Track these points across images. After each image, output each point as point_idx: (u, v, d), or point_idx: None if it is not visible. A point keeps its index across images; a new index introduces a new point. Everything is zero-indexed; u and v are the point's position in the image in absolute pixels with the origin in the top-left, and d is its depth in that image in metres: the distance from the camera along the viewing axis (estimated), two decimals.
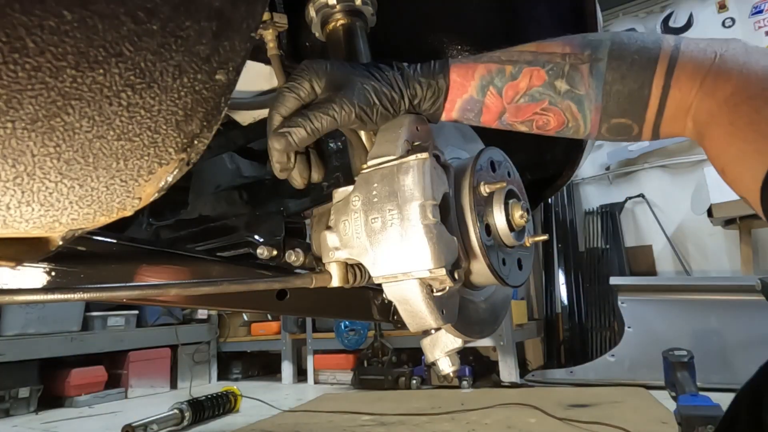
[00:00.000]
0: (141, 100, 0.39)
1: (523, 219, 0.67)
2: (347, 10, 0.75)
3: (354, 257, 0.60)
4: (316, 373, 4.02)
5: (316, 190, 1.09)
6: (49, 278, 0.62)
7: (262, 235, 1.02)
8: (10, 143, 0.35)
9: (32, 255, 0.46)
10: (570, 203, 4.71)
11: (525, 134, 0.67)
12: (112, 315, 3.77)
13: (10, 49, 0.32)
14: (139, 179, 0.42)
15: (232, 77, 0.43)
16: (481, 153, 0.68)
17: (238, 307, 0.92)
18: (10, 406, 3.19)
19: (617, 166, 4.83)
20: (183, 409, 2.62)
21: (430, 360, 0.74)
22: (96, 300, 0.83)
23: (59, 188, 0.39)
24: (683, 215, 4.37)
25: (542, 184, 1.13)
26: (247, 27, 0.44)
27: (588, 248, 4.51)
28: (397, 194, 0.57)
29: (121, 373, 3.78)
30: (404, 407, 2.68)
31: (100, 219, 0.42)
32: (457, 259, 0.60)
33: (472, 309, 0.71)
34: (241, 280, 0.64)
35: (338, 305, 1.07)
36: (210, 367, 4.44)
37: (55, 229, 0.41)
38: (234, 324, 4.58)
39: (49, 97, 0.35)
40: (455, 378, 3.20)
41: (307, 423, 2.55)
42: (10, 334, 3.17)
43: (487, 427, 2.18)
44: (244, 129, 1.21)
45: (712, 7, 4.69)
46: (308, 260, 0.84)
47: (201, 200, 1.26)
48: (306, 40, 0.97)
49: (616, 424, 1.98)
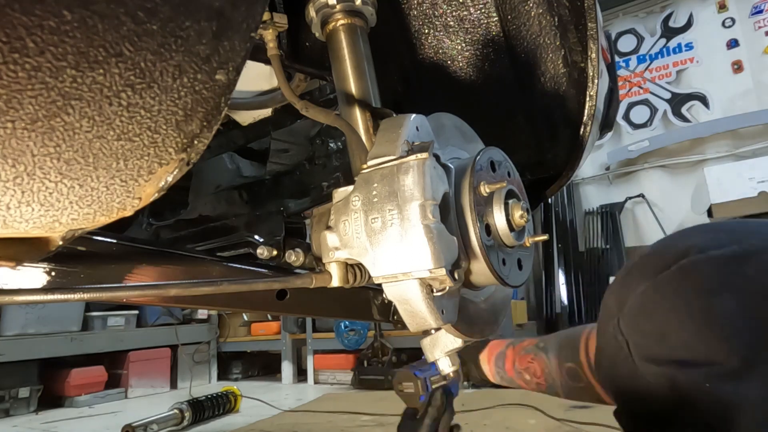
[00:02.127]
0: (141, 100, 0.39)
1: (523, 219, 0.66)
2: (347, 10, 0.75)
3: (354, 257, 0.60)
4: (316, 373, 4.02)
5: (316, 190, 1.09)
6: (49, 278, 0.62)
7: (262, 235, 1.02)
8: (10, 143, 0.35)
9: (32, 255, 0.46)
10: (570, 203, 4.71)
11: (525, 134, 0.68)
12: (112, 315, 3.77)
13: (10, 49, 0.32)
14: (139, 179, 0.42)
15: (232, 77, 0.43)
16: (481, 153, 0.68)
17: (238, 307, 0.92)
18: (10, 406, 3.19)
19: (617, 166, 4.83)
20: (183, 409, 2.62)
21: (430, 360, 0.74)
22: (96, 300, 0.83)
23: (59, 188, 0.39)
24: (683, 215, 4.37)
25: (542, 184, 1.13)
26: (247, 27, 0.44)
27: (588, 248, 4.51)
28: (397, 194, 0.57)
29: (121, 373, 3.78)
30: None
31: (100, 219, 0.42)
32: (457, 259, 0.60)
33: (472, 309, 0.71)
34: (241, 280, 0.64)
35: (338, 305, 1.07)
36: (210, 367, 4.44)
37: (55, 229, 0.41)
38: (234, 324, 4.58)
39: (49, 97, 0.35)
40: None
41: (307, 423, 2.55)
42: (10, 334, 3.17)
43: (485, 428, 2.18)
44: (244, 129, 1.21)
45: (712, 7, 4.69)
46: (308, 260, 0.84)
47: (201, 200, 1.26)
48: (306, 40, 0.98)
49: (616, 426, 1.97)
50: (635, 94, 4.94)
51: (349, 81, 0.73)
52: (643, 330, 0.50)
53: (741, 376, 0.40)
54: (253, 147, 1.30)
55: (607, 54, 1.10)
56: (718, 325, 0.43)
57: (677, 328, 0.46)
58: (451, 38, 1.05)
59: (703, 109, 4.58)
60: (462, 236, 0.63)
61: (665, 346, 0.46)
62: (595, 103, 0.97)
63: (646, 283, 0.51)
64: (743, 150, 4.25)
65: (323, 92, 1.12)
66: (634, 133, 4.82)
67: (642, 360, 0.49)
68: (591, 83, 0.95)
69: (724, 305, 0.43)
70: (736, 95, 4.46)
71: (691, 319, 0.45)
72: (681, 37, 4.79)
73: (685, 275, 0.47)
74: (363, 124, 0.71)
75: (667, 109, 4.73)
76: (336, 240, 0.61)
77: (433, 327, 0.61)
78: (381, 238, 0.57)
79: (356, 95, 0.73)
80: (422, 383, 0.92)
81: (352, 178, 0.63)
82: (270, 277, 0.88)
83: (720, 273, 0.45)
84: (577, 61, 0.98)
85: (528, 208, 0.69)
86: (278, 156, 1.19)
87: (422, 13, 1.02)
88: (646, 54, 4.95)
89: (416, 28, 1.05)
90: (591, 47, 0.93)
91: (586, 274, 4.22)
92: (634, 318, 0.51)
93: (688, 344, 0.44)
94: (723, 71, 4.55)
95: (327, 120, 0.72)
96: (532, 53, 1.01)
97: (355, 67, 0.74)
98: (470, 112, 0.87)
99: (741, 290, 0.43)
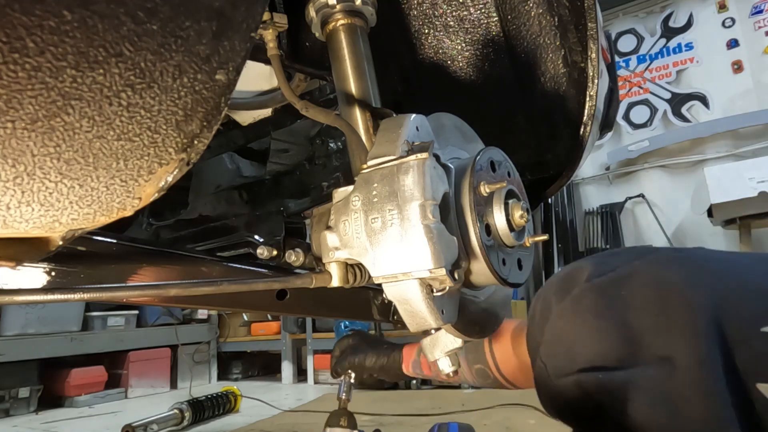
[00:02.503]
0: (141, 100, 0.39)
1: (523, 219, 0.66)
2: (347, 11, 0.75)
3: (354, 257, 0.60)
4: (316, 373, 4.02)
5: (316, 190, 1.09)
6: (49, 278, 0.62)
7: (262, 235, 1.02)
8: (10, 143, 0.35)
9: (32, 255, 0.46)
10: (570, 203, 4.71)
11: (525, 134, 0.70)
12: (112, 315, 3.77)
13: (10, 49, 0.32)
14: (139, 179, 0.42)
15: (232, 77, 0.43)
16: (481, 153, 0.68)
17: (238, 307, 0.92)
18: (10, 406, 3.19)
19: (617, 166, 4.84)
20: (183, 409, 2.62)
21: (430, 360, 0.74)
22: (96, 300, 0.83)
23: (59, 188, 0.39)
24: (683, 215, 4.37)
25: (542, 184, 1.13)
26: (247, 27, 0.44)
27: (588, 248, 4.51)
28: (397, 194, 0.57)
29: (121, 373, 3.78)
30: (404, 407, 2.68)
31: (100, 219, 0.42)
32: (457, 259, 0.60)
33: (472, 309, 0.71)
34: (241, 280, 0.64)
35: (338, 305, 1.07)
36: (210, 367, 4.44)
37: (55, 229, 0.41)
38: (234, 324, 4.58)
39: (49, 97, 0.35)
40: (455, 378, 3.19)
41: (307, 423, 2.55)
42: (10, 334, 3.17)
43: (486, 428, 2.18)
44: (244, 129, 1.21)
45: (712, 7, 4.69)
46: (308, 260, 0.84)
47: (201, 200, 1.26)
48: (306, 40, 0.98)
49: None
50: (635, 94, 4.94)
51: (349, 81, 0.73)
52: (557, 354, 0.62)
53: (626, 366, 0.53)
54: (253, 147, 1.30)
55: (607, 54, 1.10)
56: (606, 336, 0.56)
57: (578, 345, 0.58)
58: (451, 38, 1.05)
59: (703, 109, 4.58)
60: (462, 236, 0.63)
61: (572, 361, 0.59)
62: (595, 103, 0.97)
63: (555, 310, 0.63)
64: (743, 150, 4.25)
65: (323, 92, 1.12)
66: (634, 133, 4.83)
67: (557, 378, 0.62)
68: (591, 83, 0.95)
69: (607, 321, 0.56)
70: (736, 95, 4.46)
71: (587, 336, 0.58)
72: (681, 37, 4.79)
73: (578, 302, 0.60)
74: (363, 124, 0.71)
75: (667, 109, 4.73)
76: (336, 240, 0.61)
77: (433, 327, 0.61)
78: (381, 238, 0.57)
79: (356, 95, 0.73)
80: None
81: (352, 178, 0.63)
82: (270, 277, 0.88)
83: (602, 297, 0.58)
84: (577, 61, 0.98)
85: (528, 208, 0.69)
86: (278, 156, 1.20)
87: (422, 13, 1.02)
88: (646, 54, 4.95)
89: (416, 28, 1.05)
90: (591, 47, 0.93)
91: None
92: (550, 346, 0.63)
93: (587, 355, 0.57)
94: (723, 71, 4.55)
95: (327, 120, 0.72)
96: (532, 53, 1.01)
97: (355, 67, 0.74)
98: (470, 112, 0.87)
99: (618, 308, 0.56)
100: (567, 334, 0.61)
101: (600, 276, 0.60)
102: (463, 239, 0.63)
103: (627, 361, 0.53)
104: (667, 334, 0.51)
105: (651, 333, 0.52)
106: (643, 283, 0.56)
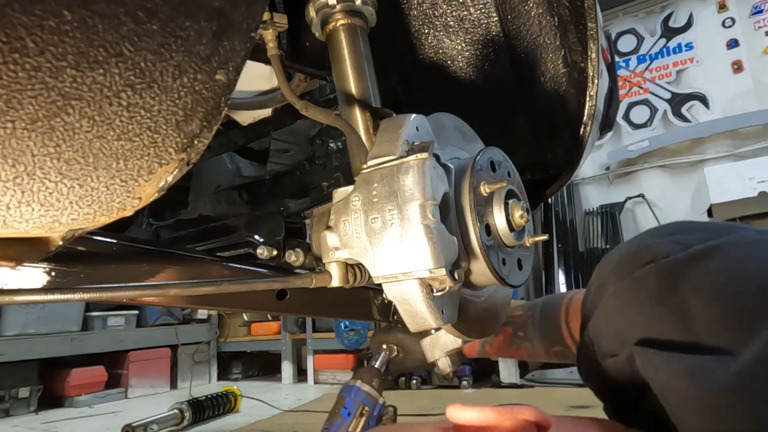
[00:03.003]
0: (141, 100, 0.39)
1: (523, 219, 0.66)
2: (347, 11, 0.75)
3: (354, 257, 0.60)
4: (316, 373, 4.02)
5: (316, 190, 1.09)
6: (49, 278, 0.62)
7: (262, 235, 1.02)
8: (10, 143, 0.35)
9: (32, 255, 0.46)
10: (570, 203, 4.71)
11: (525, 134, 0.69)
12: (112, 315, 3.77)
13: (10, 49, 0.32)
14: (139, 179, 0.42)
15: (232, 77, 0.43)
16: (481, 153, 0.68)
17: (238, 307, 0.91)
18: (10, 406, 3.19)
19: (617, 166, 4.83)
20: (183, 409, 2.62)
21: (430, 360, 0.74)
22: (96, 300, 0.83)
23: (59, 188, 0.39)
24: (683, 215, 4.37)
25: (542, 184, 1.13)
26: (247, 27, 0.44)
27: (588, 248, 4.51)
28: (397, 194, 0.57)
29: (121, 373, 3.77)
30: (404, 408, 2.68)
31: (100, 219, 0.42)
32: (457, 259, 0.60)
33: (472, 309, 0.71)
34: (241, 280, 0.64)
35: (338, 305, 1.07)
36: (210, 367, 4.44)
37: (55, 229, 0.41)
38: (234, 324, 4.58)
39: (49, 97, 0.35)
40: (455, 378, 3.19)
41: (307, 423, 2.55)
42: (10, 334, 3.17)
43: None
44: (244, 129, 1.21)
45: (712, 7, 4.69)
46: (308, 260, 0.84)
47: (201, 200, 1.26)
48: (306, 40, 0.97)
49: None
50: (635, 94, 4.94)
51: (349, 81, 0.74)
52: (606, 334, 0.59)
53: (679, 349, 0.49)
54: (253, 147, 1.30)
55: (607, 54, 1.10)
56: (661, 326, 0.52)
57: (629, 331, 0.55)
58: (451, 38, 1.05)
59: (703, 109, 4.58)
60: (462, 236, 0.63)
61: (621, 345, 0.55)
62: (595, 103, 0.97)
63: (612, 288, 0.59)
64: (743, 150, 4.25)
65: (323, 92, 1.12)
66: (634, 133, 4.82)
67: (603, 358, 0.59)
68: (591, 83, 0.95)
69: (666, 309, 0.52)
70: (736, 95, 4.46)
71: (641, 324, 0.54)
72: (681, 37, 4.79)
73: (638, 284, 0.56)
74: (363, 124, 0.71)
75: (667, 109, 4.73)
76: (336, 240, 0.61)
77: (433, 327, 0.61)
78: (381, 238, 0.57)
79: (356, 95, 0.73)
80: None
81: (352, 178, 0.63)
82: (270, 277, 0.88)
83: (665, 280, 0.53)
84: (577, 61, 0.98)
85: (528, 208, 0.69)
86: (278, 156, 1.19)
87: (422, 13, 1.02)
88: (646, 54, 4.94)
89: (416, 28, 1.05)
90: (591, 47, 0.93)
91: (586, 274, 4.22)
92: (600, 323, 0.60)
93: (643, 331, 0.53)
94: (723, 71, 4.55)
95: (327, 120, 0.72)
96: (532, 53, 1.01)
97: (355, 67, 0.74)
98: (470, 112, 0.87)
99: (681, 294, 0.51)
100: (619, 316, 0.57)
101: (669, 256, 0.55)
102: (463, 239, 0.63)
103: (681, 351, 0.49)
104: (734, 327, 0.46)
105: (715, 324, 0.48)
106: (717, 267, 0.51)
